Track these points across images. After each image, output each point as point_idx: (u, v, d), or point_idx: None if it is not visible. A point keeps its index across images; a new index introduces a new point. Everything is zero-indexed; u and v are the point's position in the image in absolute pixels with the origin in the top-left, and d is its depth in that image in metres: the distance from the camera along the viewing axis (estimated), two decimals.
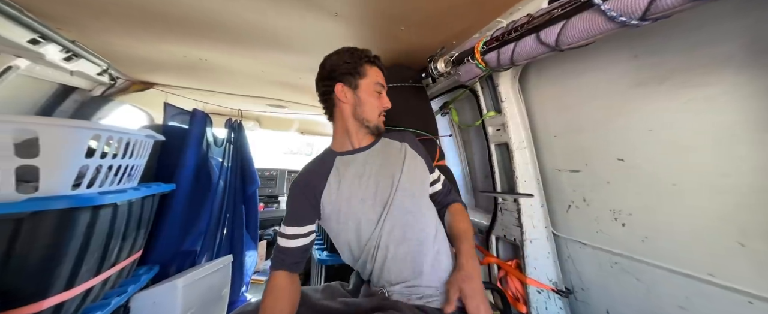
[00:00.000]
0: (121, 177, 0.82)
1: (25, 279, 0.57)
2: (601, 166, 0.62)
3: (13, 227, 0.55)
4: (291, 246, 0.66)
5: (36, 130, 0.58)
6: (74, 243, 0.64)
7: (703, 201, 0.46)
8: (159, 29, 0.82)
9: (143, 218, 0.95)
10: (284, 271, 0.65)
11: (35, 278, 0.58)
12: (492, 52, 0.60)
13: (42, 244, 0.58)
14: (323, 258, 1.29)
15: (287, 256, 0.66)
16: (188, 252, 1.25)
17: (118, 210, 0.78)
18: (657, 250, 0.53)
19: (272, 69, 1.17)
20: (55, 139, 0.60)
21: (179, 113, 1.31)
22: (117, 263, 0.82)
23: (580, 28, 0.42)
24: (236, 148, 1.50)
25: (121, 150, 0.78)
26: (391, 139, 0.74)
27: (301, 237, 0.68)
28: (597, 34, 0.41)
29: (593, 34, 0.41)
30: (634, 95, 0.53)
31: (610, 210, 0.61)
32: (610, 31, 0.40)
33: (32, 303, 0.56)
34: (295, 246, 0.67)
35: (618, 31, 0.39)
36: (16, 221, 0.55)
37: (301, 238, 0.68)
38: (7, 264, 0.55)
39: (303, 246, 0.68)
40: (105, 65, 0.99)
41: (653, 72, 0.49)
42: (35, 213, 0.57)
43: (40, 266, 0.58)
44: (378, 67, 0.71)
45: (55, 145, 0.60)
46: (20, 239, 0.56)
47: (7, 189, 0.55)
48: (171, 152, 1.20)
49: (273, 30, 0.82)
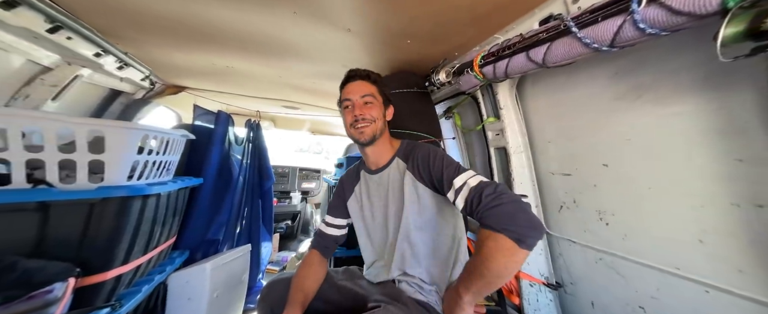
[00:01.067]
0: (162, 171, 0.94)
1: (96, 253, 0.69)
2: (589, 171, 0.68)
3: (88, 210, 0.68)
4: (326, 232, 0.81)
5: (103, 130, 0.71)
6: (130, 226, 0.76)
7: (672, 203, 0.52)
8: (194, 41, 0.94)
9: (178, 208, 1.08)
10: (318, 251, 0.79)
11: (103, 253, 0.71)
12: (489, 65, 0.67)
13: (107, 225, 0.71)
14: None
15: (322, 239, 0.81)
16: (212, 240, 1.39)
17: (160, 199, 0.91)
18: (635, 247, 0.59)
19: (288, 74, 1.28)
20: (116, 138, 0.72)
21: (205, 113, 1.45)
22: (158, 245, 0.96)
23: (561, 50, 0.49)
24: (254, 146, 1.63)
25: (162, 147, 0.91)
26: (400, 160, 0.70)
27: (334, 228, 0.81)
28: (576, 56, 0.47)
29: (573, 55, 0.47)
30: (614, 108, 0.58)
31: (597, 211, 0.67)
32: (586, 54, 0.46)
33: (101, 273, 0.69)
34: (329, 233, 0.81)
35: (595, 53, 0.46)
36: (90, 205, 0.68)
37: (334, 228, 0.81)
38: (84, 241, 0.67)
39: (334, 235, 0.81)
40: (147, 72, 1.13)
41: (630, 88, 0.55)
42: (104, 199, 0.69)
43: (106, 244, 0.71)
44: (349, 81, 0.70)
45: (116, 143, 0.72)
46: (92, 220, 0.68)
47: (82, 179, 0.68)
48: (198, 149, 1.33)
49: (291, 42, 0.92)
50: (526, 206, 0.46)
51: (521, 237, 0.43)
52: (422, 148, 0.68)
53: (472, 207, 0.50)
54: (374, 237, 0.75)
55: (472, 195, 0.50)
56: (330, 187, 1.74)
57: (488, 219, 0.46)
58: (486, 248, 0.44)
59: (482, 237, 0.46)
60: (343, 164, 1.68)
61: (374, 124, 0.68)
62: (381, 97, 0.72)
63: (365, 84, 0.70)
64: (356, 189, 0.80)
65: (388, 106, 0.75)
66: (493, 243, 0.44)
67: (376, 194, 0.74)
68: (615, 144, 0.60)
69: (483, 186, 0.50)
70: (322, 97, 1.66)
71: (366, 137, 0.68)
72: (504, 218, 0.44)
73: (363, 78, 0.70)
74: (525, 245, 0.43)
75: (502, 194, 0.47)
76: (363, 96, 0.68)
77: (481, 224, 0.47)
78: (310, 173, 2.71)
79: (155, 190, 0.85)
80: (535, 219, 0.45)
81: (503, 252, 0.43)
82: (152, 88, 1.25)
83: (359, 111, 0.67)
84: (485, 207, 0.47)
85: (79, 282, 0.62)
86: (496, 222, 0.44)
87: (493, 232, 0.44)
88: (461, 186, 0.53)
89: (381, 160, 0.74)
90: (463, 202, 0.52)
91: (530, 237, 0.43)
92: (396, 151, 0.74)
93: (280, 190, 2.52)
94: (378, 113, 0.69)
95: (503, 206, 0.45)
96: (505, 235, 0.43)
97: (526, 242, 0.43)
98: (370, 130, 0.68)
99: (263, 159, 1.64)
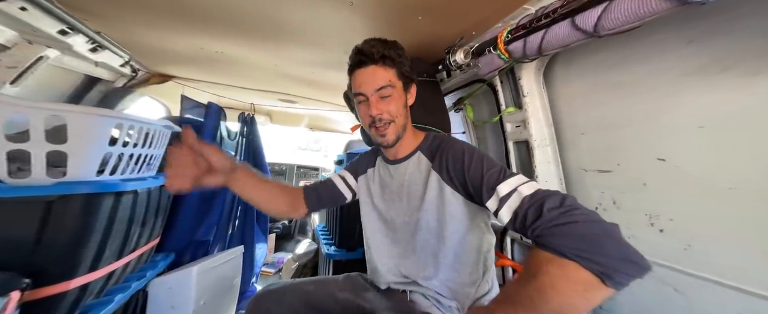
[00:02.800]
0: (141, 165, 0.84)
1: (55, 259, 0.59)
2: (638, 166, 0.57)
3: (44, 209, 0.58)
4: (335, 181, 0.73)
5: (64, 116, 0.61)
6: (98, 227, 0.66)
7: (763, 207, 0.41)
8: (177, 20, 0.83)
9: (161, 206, 0.98)
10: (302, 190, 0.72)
11: (64, 259, 0.60)
12: (518, 41, 0.57)
13: (70, 227, 0.61)
14: (331, 252, 1.29)
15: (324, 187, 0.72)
16: (202, 241, 1.29)
17: (139, 197, 0.81)
18: (703, 260, 0.48)
19: (285, 63, 1.17)
20: (81, 126, 0.62)
21: (195, 106, 1.35)
22: (137, 248, 0.86)
23: (626, 9, 0.38)
24: (248, 141, 1.53)
25: (142, 139, 0.81)
26: (422, 156, 0.59)
27: (343, 183, 0.73)
28: (647, 15, 0.36)
29: (643, 15, 0.37)
30: (683, 86, 0.47)
31: (646, 214, 0.56)
32: (664, 12, 0.35)
33: (61, 283, 0.59)
34: (337, 184, 0.72)
35: (672, 11, 0.35)
36: (47, 203, 0.58)
37: (343, 184, 0.73)
38: (39, 245, 0.57)
39: (339, 190, 0.72)
40: (127, 57, 1.03)
41: (712, 59, 0.43)
42: (63, 197, 0.59)
43: (68, 248, 0.61)
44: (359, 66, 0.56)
45: (82, 132, 0.62)
46: (50, 221, 0.58)
47: (39, 173, 0.57)
48: None
49: (287, 21, 0.81)
50: (613, 228, 0.33)
51: (608, 270, 0.30)
52: (453, 143, 0.56)
53: (525, 222, 0.38)
54: (384, 234, 0.65)
55: (527, 206, 0.39)
56: None
57: (553, 238, 0.34)
58: (547, 276, 0.32)
59: (539, 260, 0.34)
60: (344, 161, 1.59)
61: (396, 121, 0.56)
62: (401, 81, 0.58)
63: (380, 70, 0.56)
64: (370, 171, 0.70)
65: (410, 86, 0.60)
66: (559, 271, 0.32)
67: (390, 185, 0.64)
68: (680, 132, 0.49)
69: (543, 196, 0.38)
70: (321, 90, 1.55)
71: (390, 140, 0.57)
72: (581, 242, 0.32)
73: (377, 62, 0.55)
74: (612, 282, 0.30)
75: (575, 209, 0.35)
76: (379, 89, 0.55)
77: (539, 244, 0.35)
78: (308, 171, 2.61)
79: (131, 187, 0.75)
80: (631, 249, 0.31)
81: (574, 287, 0.31)
82: (135, 75, 1.15)
83: (376, 110, 0.55)
84: (549, 223, 0.35)
85: (27, 295, 0.52)
86: (565, 245, 0.32)
87: (557, 257, 0.33)
88: (509, 194, 0.42)
89: (401, 152, 0.63)
90: (510, 214, 0.41)
91: (622, 272, 0.30)
92: (419, 143, 0.62)
93: None
94: (399, 106, 0.57)
95: (578, 226, 0.33)
96: (581, 265, 0.31)
97: (613, 278, 0.30)
98: (392, 132, 0.56)
99: (258, 155, 1.54)
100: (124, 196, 0.74)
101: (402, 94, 0.59)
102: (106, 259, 0.70)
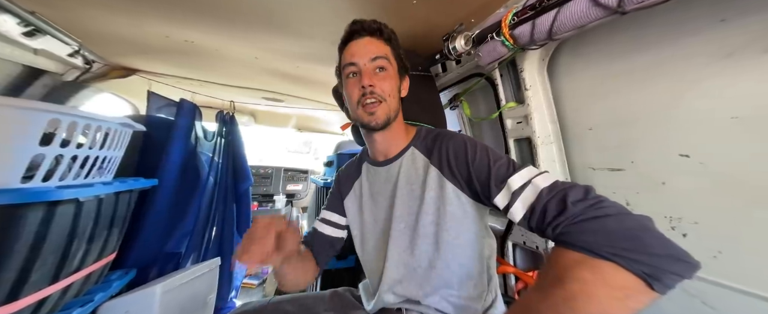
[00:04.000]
0: (90, 170, 0.71)
1: None
2: (655, 164, 0.51)
3: None
4: (321, 229, 0.64)
5: None
6: (20, 246, 0.53)
7: None
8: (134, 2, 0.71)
9: (117, 216, 0.84)
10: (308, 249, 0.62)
11: None
12: (525, 24, 0.50)
13: None
14: None
15: (314, 239, 0.63)
16: (171, 254, 1.15)
17: (83, 207, 0.68)
18: (735, 269, 0.43)
19: (266, 55, 1.07)
20: None
21: (166, 105, 1.21)
22: (82, 268, 0.72)
23: None
24: (228, 141, 1.40)
25: (90, 139, 0.68)
26: (417, 151, 0.53)
27: (332, 226, 0.65)
28: None
29: None
30: (712, 72, 0.42)
31: (666, 217, 0.50)
32: None
33: None
34: (325, 232, 0.64)
35: None
36: None
37: (331, 227, 0.65)
38: None
39: (331, 236, 0.64)
40: (76, 45, 0.89)
41: (749, 39, 0.38)
42: None
43: None
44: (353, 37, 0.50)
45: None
46: None
47: None
48: (155, 145, 1.10)
49: (265, 8, 0.71)
50: (649, 222, 0.28)
51: (655, 271, 0.25)
52: (453, 136, 0.50)
53: (544, 218, 0.33)
54: (375, 249, 0.57)
55: (546, 199, 0.33)
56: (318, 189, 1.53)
57: (583, 235, 0.28)
58: (577, 282, 0.26)
59: (566, 262, 0.28)
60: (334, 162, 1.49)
61: (387, 101, 0.49)
62: (396, 63, 0.52)
63: (377, 41, 0.50)
64: (356, 185, 0.63)
65: (404, 76, 0.55)
66: (592, 276, 0.26)
67: (381, 192, 0.56)
68: (708, 124, 0.43)
69: (564, 187, 0.33)
70: (308, 87, 1.45)
71: (379, 120, 0.49)
72: (618, 239, 0.27)
73: (373, 33, 0.50)
74: (660, 285, 0.25)
75: (602, 201, 0.30)
76: (374, 58, 0.48)
77: (565, 243, 0.30)
78: (296, 174, 2.48)
79: (71, 195, 0.62)
80: (675, 245, 0.27)
81: (614, 293, 0.25)
82: (89, 67, 1.00)
83: (369, 80, 0.47)
84: (575, 217, 0.29)
85: None
86: (598, 243, 0.27)
87: (590, 258, 0.27)
88: (523, 186, 0.36)
89: (392, 150, 0.55)
90: (524, 209, 0.35)
91: (671, 272, 0.25)
92: (411, 139, 0.55)
93: (262, 193, 2.28)
94: (392, 86, 0.50)
95: (612, 219, 0.28)
96: (622, 266, 0.25)
97: (662, 280, 0.25)
98: (383, 111, 0.49)
99: (239, 157, 1.42)
100: (60, 207, 0.61)
101: (396, 77, 0.52)
102: (33, 285, 0.57)
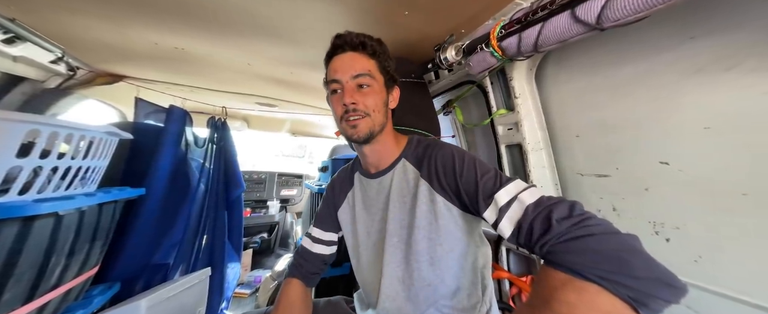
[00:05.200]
0: (72, 181, 0.68)
1: None
2: (638, 170, 0.54)
3: None
4: (312, 249, 0.63)
5: None
6: None
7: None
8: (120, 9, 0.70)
9: (100, 228, 0.81)
10: (299, 280, 0.61)
11: None
12: (512, 36, 0.52)
13: None
14: None
15: (306, 262, 0.62)
16: (159, 265, 1.11)
17: (63, 220, 0.65)
18: (716, 273, 0.45)
19: (259, 62, 1.06)
20: None
21: (154, 111, 1.18)
22: (60, 284, 0.68)
23: None
24: (219, 147, 1.37)
25: (72, 149, 0.66)
26: (408, 163, 0.53)
27: (322, 244, 0.64)
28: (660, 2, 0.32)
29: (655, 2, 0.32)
30: (687, 85, 0.44)
31: (650, 222, 0.52)
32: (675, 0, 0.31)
33: None
34: (316, 251, 0.63)
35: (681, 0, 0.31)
36: None
37: (321, 245, 0.64)
38: None
39: (322, 254, 0.63)
40: (59, 52, 0.86)
41: (716, 56, 0.41)
42: None
43: None
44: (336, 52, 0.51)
45: None
46: None
47: None
48: (142, 153, 1.07)
49: (258, 15, 0.71)
50: (635, 241, 0.28)
51: (641, 296, 0.25)
52: (441, 147, 0.50)
53: (531, 236, 0.33)
54: (368, 263, 0.57)
55: (531, 217, 0.33)
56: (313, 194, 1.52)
57: (568, 255, 0.28)
58: (564, 305, 0.26)
59: (553, 283, 0.28)
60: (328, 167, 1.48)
61: (371, 116, 0.50)
62: (382, 77, 0.52)
63: (360, 57, 0.50)
64: (349, 196, 0.62)
65: (393, 87, 0.55)
66: (578, 298, 0.26)
67: (374, 204, 0.56)
68: (684, 134, 0.46)
69: (549, 204, 0.33)
70: (302, 93, 1.44)
71: (361, 134, 0.49)
72: (602, 260, 0.26)
73: (356, 48, 0.50)
74: (647, 311, 0.25)
75: (588, 218, 0.30)
76: (356, 75, 0.49)
77: (551, 263, 0.30)
78: (290, 179, 2.44)
79: (50, 208, 0.59)
80: (662, 267, 0.26)
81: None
82: (73, 74, 0.97)
83: (350, 98, 0.48)
84: (559, 236, 0.29)
85: None
86: (583, 264, 0.27)
87: (575, 279, 0.27)
88: (509, 202, 0.36)
89: (383, 162, 0.55)
90: (511, 226, 0.35)
91: (657, 298, 0.25)
92: (402, 150, 0.55)
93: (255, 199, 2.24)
94: (377, 101, 0.50)
95: (596, 239, 0.28)
96: (606, 289, 0.25)
97: (648, 306, 0.25)
98: (365, 125, 0.49)
99: (231, 164, 1.39)
100: (38, 221, 0.58)
101: (382, 90, 0.52)
102: (5, 305, 0.54)
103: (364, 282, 0.58)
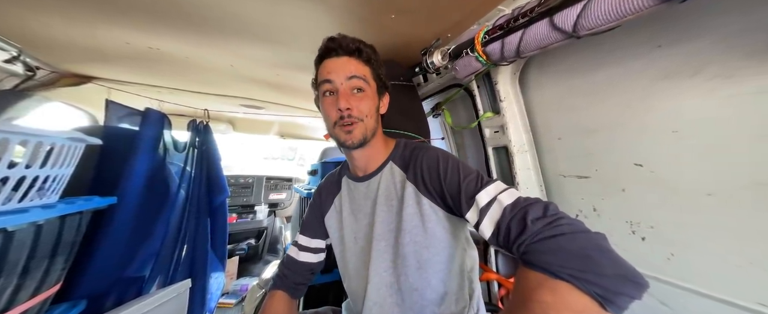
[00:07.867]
0: (27, 192, 0.62)
1: None
2: (615, 172, 0.56)
3: None
4: (297, 258, 0.61)
5: None
6: None
7: (748, 215, 0.40)
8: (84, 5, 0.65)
9: (63, 243, 0.74)
10: (284, 292, 0.59)
11: None
12: (495, 42, 0.52)
13: None
14: None
15: (291, 272, 0.60)
16: (133, 278, 1.03)
17: (15, 236, 0.59)
18: (687, 270, 0.47)
19: (243, 63, 1.02)
20: None
21: (128, 114, 1.10)
22: (11, 307, 0.62)
23: (607, 6, 0.35)
24: (201, 152, 1.31)
25: (27, 157, 0.59)
26: (395, 166, 0.53)
27: (309, 252, 0.62)
28: (628, 14, 0.33)
29: (625, 13, 0.33)
30: (656, 91, 0.47)
31: (627, 222, 0.54)
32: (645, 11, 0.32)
33: None
34: (302, 260, 0.61)
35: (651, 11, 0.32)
36: None
37: (308, 253, 0.62)
38: None
39: (309, 263, 0.61)
40: (15, 51, 0.79)
41: (683, 62, 0.43)
42: None
43: None
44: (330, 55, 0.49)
45: None
46: None
47: None
48: (115, 159, 0.99)
49: (239, 16, 0.68)
50: (602, 240, 0.29)
51: (607, 293, 0.25)
52: (426, 150, 0.49)
53: (508, 237, 0.33)
54: (355, 269, 0.56)
55: (508, 218, 0.34)
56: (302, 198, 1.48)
57: (541, 255, 0.29)
58: (539, 305, 0.26)
59: (529, 283, 0.28)
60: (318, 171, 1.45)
61: (365, 121, 0.49)
62: (375, 84, 0.52)
63: (355, 61, 0.49)
64: (336, 201, 0.61)
65: (384, 94, 0.55)
66: (551, 298, 0.26)
67: (361, 209, 0.55)
68: (654, 137, 0.48)
69: (525, 205, 0.34)
70: (289, 95, 1.41)
71: (355, 140, 0.48)
72: (570, 257, 0.27)
73: (351, 53, 0.48)
74: (614, 307, 0.26)
75: (560, 218, 0.31)
76: (351, 78, 0.47)
77: (526, 263, 0.30)
78: (279, 182, 2.38)
79: None
80: (627, 265, 0.27)
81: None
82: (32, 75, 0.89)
83: (346, 102, 0.47)
84: (533, 236, 0.30)
85: None
86: (554, 263, 0.27)
87: (549, 279, 0.27)
88: (489, 203, 0.37)
89: (371, 165, 0.55)
90: (491, 227, 0.36)
91: (622, 294, 0.26)
92: (390, 153, 0.54)
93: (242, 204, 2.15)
94: (370, 106, 0.49)
95: (566, 238, 0.29)
96: (576, 286, 0.26)
97: (615, 302, 0.25)
98: (359, 131, 0.48)
99: (214, 169, 1.33)
100: None
101: (375, 96, 0.52)
102: None
103: (352, 289, 0.57)
